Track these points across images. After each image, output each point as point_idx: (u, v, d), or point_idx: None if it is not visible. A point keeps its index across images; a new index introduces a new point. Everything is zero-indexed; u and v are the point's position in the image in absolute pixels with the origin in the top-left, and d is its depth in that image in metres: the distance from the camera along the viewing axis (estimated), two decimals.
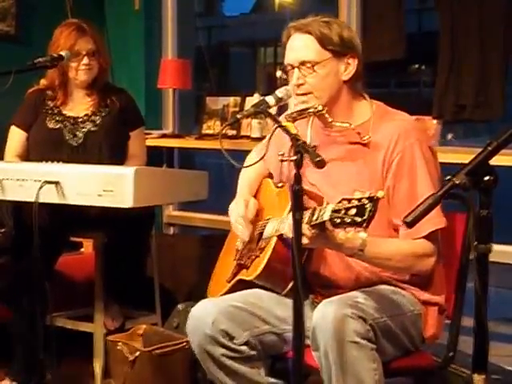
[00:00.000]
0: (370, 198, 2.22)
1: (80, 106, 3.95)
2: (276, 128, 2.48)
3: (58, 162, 3.71)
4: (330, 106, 2.67)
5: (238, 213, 2.84)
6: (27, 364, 3.68)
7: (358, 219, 2.21)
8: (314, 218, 2.35)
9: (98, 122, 3.91)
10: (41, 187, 3.39)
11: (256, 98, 4.61)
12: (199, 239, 4.75)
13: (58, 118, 3.91)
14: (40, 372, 3.63)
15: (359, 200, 2.23)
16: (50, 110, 3.93)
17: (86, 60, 3.85)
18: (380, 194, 2.23)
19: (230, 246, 2.99)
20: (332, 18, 2.72)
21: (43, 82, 3.99)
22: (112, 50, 4.31)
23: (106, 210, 3.42)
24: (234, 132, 4.76)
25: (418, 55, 9.26)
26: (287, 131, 2.40)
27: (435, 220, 2.55)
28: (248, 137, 4.62)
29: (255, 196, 2.97)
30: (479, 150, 2.03)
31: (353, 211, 2.23)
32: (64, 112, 3.93)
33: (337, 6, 4.62)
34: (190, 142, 4.97)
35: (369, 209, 2.21)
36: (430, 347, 2.80)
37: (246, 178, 3.01)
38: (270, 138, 2.57)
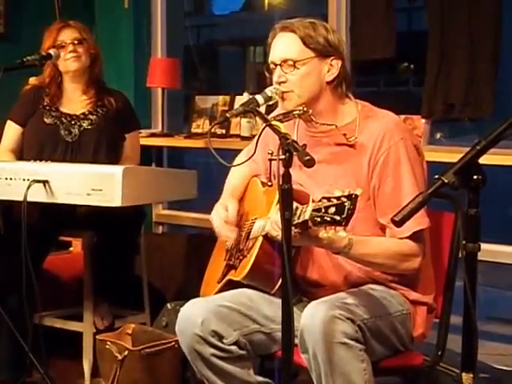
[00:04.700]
0: (349, 196, 2.23)
1: (77, 104, 3.95)
2: (265, 127, 2.48)
3: (53, 157, 3.73)
4: (312, 106, 2.67)
5: (219, 217, 2.84)
6: (15, 363, 3.68)
7: (337, 217, 2.23)
8: (296, 217, 2.36)
9: (94, 120, 3.92)
10: (29, 186, 3.39)
11: (245, 96, 4.61)
12: (188, 238, 4.75)
13: (54, 114, 3.93)
14: (28, 371, 3.62)
15: (338, 198, 2.25)
16: (47, 106, 3.94)
17: (71, 47, 3.85)
18: (358, 191, 2.24)
19: (220, 246, 2.99)
20: (320, 21, 2.72)
21: (32, 80, 3.99)
22: (101, 48, 4.30)
23: (94, 209, 3.41)
24: (223, 131, 4.75)
25: (408, 54, 9.27)
26: (276, 130, 2.40)
27: (419, 220, 2.55)
28: (237, 136, 4.61)
29: (243, 196, 2.97)
30: (468, 149, 2.04)
31: (332, 210, 2.24)
32: (61, 109, 3.94)
33: (326, 5, 4.62)
34: (179, 141, 4.96)
35: (347, 207, 2.22)
36: (419, 346, 2.80)
37: (231, 181, 3.01)
38: (259, 137, 2.57)
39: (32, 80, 4.03)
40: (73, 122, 3.91)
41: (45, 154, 3.81)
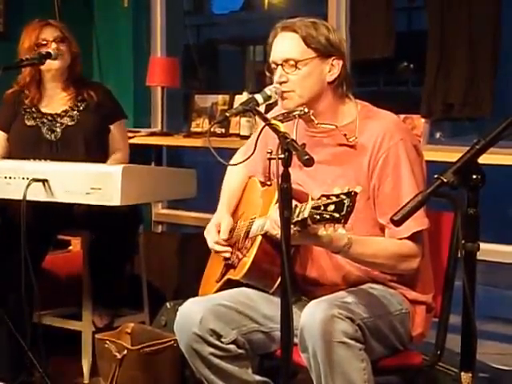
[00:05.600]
0: (348, 194, 2.23)
1: (57, 102, 3.93)
2: (264, 126, 2.47)
3: (39, 158, 3.71)
4: (313, 106, 2.66)
5: (211, 238, 2.86)
6: (14, 362, 3.68)
7: (337, 215, 2.22)
8: (295, 215, 2.35)
9: (75, 116, 3.89)
10: (28, 185, 3.39)
11: (245, 96, 4.60)
12: (187, 237, 4.75)
13: (35, 115, 3.90)
14: (27, 370, 3.62)
15: (337, 196, 2.25)
16: (27, 108, 3.92)
17: (54, 45, 3.83)
18: (358, 188, 2.24)
19: None
20: (321, 20, 2.71)
21: (17, 82, 3.97)
22: (100, 47, 4.29)
23: (93, 208, 3.41)
24: (222, 130, 4.75)
25: (407, 54, 9.27)
26: (275, 129, 2.40)
27: (419, 220, 2.55)
28: (237, 135, 4.61)
29: (241, 196, 2.97)
30: (467, 148, 2.04)
31: (331, 207, 2.24)
32: (42, 109, 3.92)
33: (326, 4, 4.62)
34: (178, 140, 4.96)
35: (346, 204, 2.22)
36: (418, 346, 2.80)
37: (229, 184, 3.01)
38: (259, 136, 2.56)
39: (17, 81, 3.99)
40: (54, 121, 3.89)
41: (30, 155, 3.77)
